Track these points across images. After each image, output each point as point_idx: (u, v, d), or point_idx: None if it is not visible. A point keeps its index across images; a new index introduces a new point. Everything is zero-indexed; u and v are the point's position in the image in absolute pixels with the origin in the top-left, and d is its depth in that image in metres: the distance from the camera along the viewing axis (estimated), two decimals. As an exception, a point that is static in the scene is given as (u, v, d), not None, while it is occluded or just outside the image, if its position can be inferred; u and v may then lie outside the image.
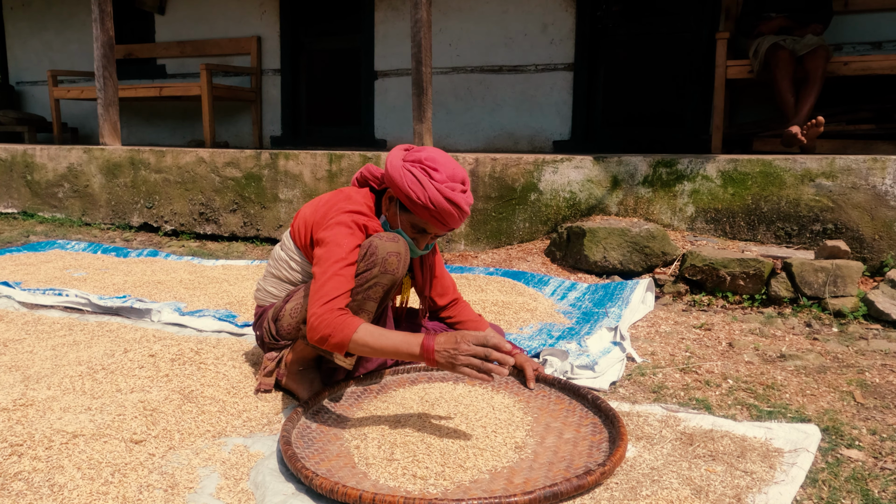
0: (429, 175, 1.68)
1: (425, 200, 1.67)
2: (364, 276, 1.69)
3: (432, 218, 1.70)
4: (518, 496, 1.29)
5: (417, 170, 1.68)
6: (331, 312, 1.60)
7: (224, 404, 1.81)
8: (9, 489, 1.37)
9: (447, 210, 1.68)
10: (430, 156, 1.71)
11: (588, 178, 3.63)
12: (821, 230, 3.17)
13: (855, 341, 2.46)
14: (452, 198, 1.68)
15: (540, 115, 5.43)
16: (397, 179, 1.69)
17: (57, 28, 7.33)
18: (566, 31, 5.27)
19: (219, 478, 1.47)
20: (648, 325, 2.67)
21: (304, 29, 6.36)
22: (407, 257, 1.72)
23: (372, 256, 1.68)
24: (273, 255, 1.97)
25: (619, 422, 1.62)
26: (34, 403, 1.73)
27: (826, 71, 3.76)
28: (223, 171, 4.48)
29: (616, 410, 1.71)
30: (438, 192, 1.66)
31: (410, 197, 1.68)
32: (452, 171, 1.71)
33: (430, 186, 1.66)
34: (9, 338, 2.33)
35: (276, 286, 1.95)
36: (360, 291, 1.69)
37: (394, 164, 1.71)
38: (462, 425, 1.65)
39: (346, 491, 1.32)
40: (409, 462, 1.48)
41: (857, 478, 1.50)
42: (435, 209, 1.68)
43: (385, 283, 1.70)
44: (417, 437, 1.58)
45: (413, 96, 4.08)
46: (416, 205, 1.69)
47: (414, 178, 1.67)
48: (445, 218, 1.70)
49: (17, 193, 5.24)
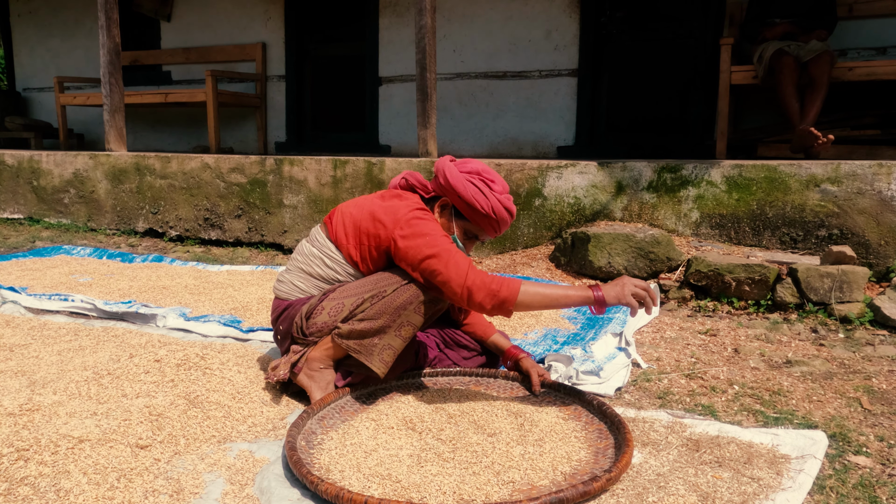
0: (489, 187, 1.87)
1: (489, 210, 1.85)
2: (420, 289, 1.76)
3: (489, 225, 1.89)
4: (524, 502, 1.29)
5: (478, 181, 1.86)
6: (482, 274, 1.71)
7: (229, 409, 1.81)
8: (15, 494, 1.37)
9: (504, 218, 1.88)
10: (485, 168, 1.90)
11: (592, 183, 3.63)
12: (826, 235, 3.16)
13: (861, 347, 2.45)
14: (510, 207, 1.89)
15: (544, 120, 5.44)
16: (461, 190, 1.84)
17: (63, 35, 7.38)
18: (570, 37, 5.28)
19: (224, 483, 1.47)
20: (653, 331, 2.66)
21: (308, 35, 6.38)
22: None
23: None
24: (301, 251, 1.95)
25: (624, 428, 1.61)
26: (40, 408, 1.73)
27: (831, 76, 3.76)
28: (228, 176, 4.49)
29: (622, 416, 1.70)
30: (499, 203, 1.86)
31: (474, 206, 1.85)
32: (504, 183, 1.92)
33: (493, 197, 1.86)
34: (15, 343, 2.33)
35: (304, 282, 1.91)
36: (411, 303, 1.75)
37: (455, 175, 1.86)
38: (470, 431, 1.65)
39: (351, 497, 1.32)
40: (415, 466, 1.48)
41: (864, 485, 1.49)
42: (495, 217, 1.87)
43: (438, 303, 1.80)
44: (425, 443, 1.58)
45: (417, 102, 4.09)
46: (477, 213, 1.86)
47: (477, 189, 1.85)
48: (501, 225, 1.90)
49: (23, 199, 5.26)
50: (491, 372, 2.05)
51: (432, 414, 1.73)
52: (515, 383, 2.00)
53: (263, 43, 6.39)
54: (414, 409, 1.77)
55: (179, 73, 6.94)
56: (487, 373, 2.05)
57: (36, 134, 6.96)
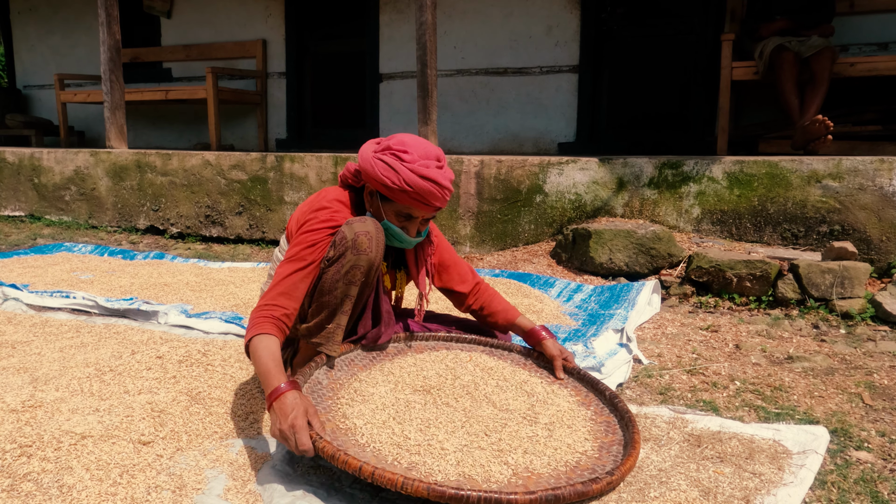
0: (399, 159, 1.68)
1: (401, 184, 1.66)
2: (338, 265, 1.67)
3: (413, 200, 1.69)
4: (519, 495, 1.26)
5: (388, 156, 1.69)
6: (264, 310, 1.62)
7: (232, 406, 1.82)
8: (18, 490, 1.37)
9: (425, 188, 1.67)
10: (398, 140, 1.72)
11: (593, 179, 3.63)
12: (828, 231, 3.16)
13: (863, 343, 2.45)
14: (427, 174, 1.66)
15: (545, 117, 5.43)
16: (370, 170, 1.69)
17: (64, 32, 7.37)
18: (571, 34, 5.27)
19: (226, 479, 1.47)
20: (655, 327, 2.66)
21: (309, 32, 6.37)
22: (380, 237, 1.69)
23: (342, 242, 1.66)
24: (273, 258, 1.97)
25: (633, 426, 1.55)
26: (43, 405, 1.73)
27: (832, 72, 3.75)
28: (229, 173, 4.49)
29: (633, 413, 1.64)
30: (412, 173, 1.66)
31: (386, 184, 1.68)
32: (424, 149, 1.71)
33: (403, 169, 1.66)
34: (17, 340, 2.34)
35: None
36: (338, 281, 1.67)
37: (365, 156, 1.72)
38: (484, 404, 1.62)
39: (346, 459, 1.30)
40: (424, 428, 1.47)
41: (866, 479, 1.49)
42: (413, 190, 1.67)
43: (362, 265, 1.66)
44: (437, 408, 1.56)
45: (418, 99, 4.09)
46: (393, 190, 1.68)
47: (385, 164, 1.68)
48: (426, 197, 1.68)
49: (24, 196, 5.26)
50: (509, 345, 1.98)
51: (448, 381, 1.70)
52: (529, 360, 1.93)
53: (264, 40, 6.39)
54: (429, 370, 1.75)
55: (180, 70, 6.94)
56: (505, 345, 1.98)
57: (37, 131, 6.96)
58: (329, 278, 1.69)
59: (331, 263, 1.68)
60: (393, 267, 1.93)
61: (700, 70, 4.97)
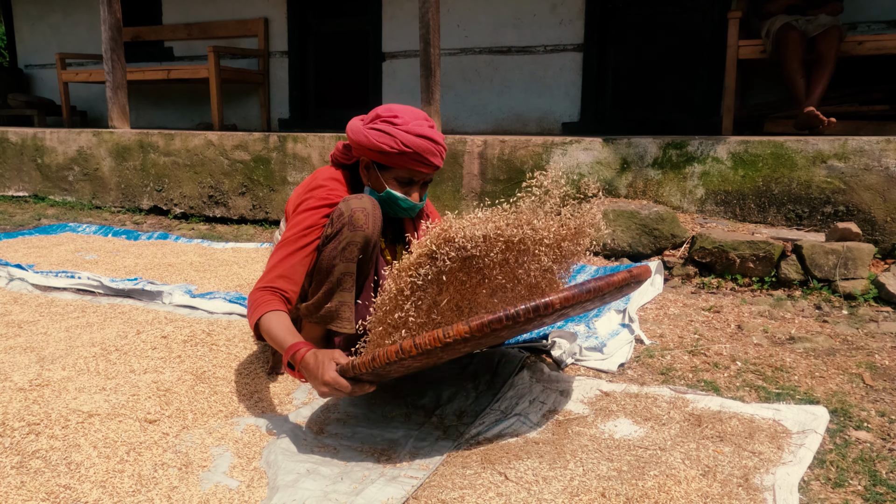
0: (392, 124, 1.71)
1: (399, 146, 1.69)
2: (335, 242, 1.68)
3: (413, 161, 1.72)
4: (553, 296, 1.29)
5: (380, 123, 1.72)
6: (262, 291, 1.64)
7: (236, 385, 1.84)
8: (27, 467, 1.40)
9: (422, 146, 1.70)
10: (386, 108, 1.75)
11: (597, 160, 3.61)
12: (832, 212, 3.15)
13: (865, 324, 2.45)
14: (423, 132, 1.70)
15: (549, 96, 5.39)
16: (364, 142, 1.72)
17: (65, 10, 7.31)
18: (576, 12, 5.21)
19: (232, 457, 1.49)
20: (657, 308, 2.67)
21: (311, 10, 6.31)
22: (376, 213, 1.70)
23: (339, 218, 1.68)
24: (274, 239, 1.98)
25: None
26: (50, 384, 1.75)
27: (839, 51, 3.70)
28: (232, 154, 4.49)
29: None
30: (408, 133, 1.69)
31: (384, 150, 1.70)
32: (412, 112, 1.75)
33: (398, 132, 1.69)
34: (23, 319, 2.36)
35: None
36: (335, 258, 1.68)
37: (356, 130, 1.76)
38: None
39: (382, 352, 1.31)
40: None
41: (864, 459, 1.51)
42: (412, 150, 1.70)
43: (358, 241, 1.67)
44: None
45: (421, 78, 4.06)
46: (392, 156, 1.71)
47: (379, 132, 1.71)
48: (424, 154, 1.72)
49: (27, 177, 5.27)
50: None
51: None
52: None
53: (265, 18, 6.33)
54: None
55: (181, 49, 6.89)
56: None
57: (39, 111, 6.94)
58: (327, 255, 1.70)
59: (328, 240, 1.70)
60: (392, 242, 1.95)
61: (706, 49, 4.91)
